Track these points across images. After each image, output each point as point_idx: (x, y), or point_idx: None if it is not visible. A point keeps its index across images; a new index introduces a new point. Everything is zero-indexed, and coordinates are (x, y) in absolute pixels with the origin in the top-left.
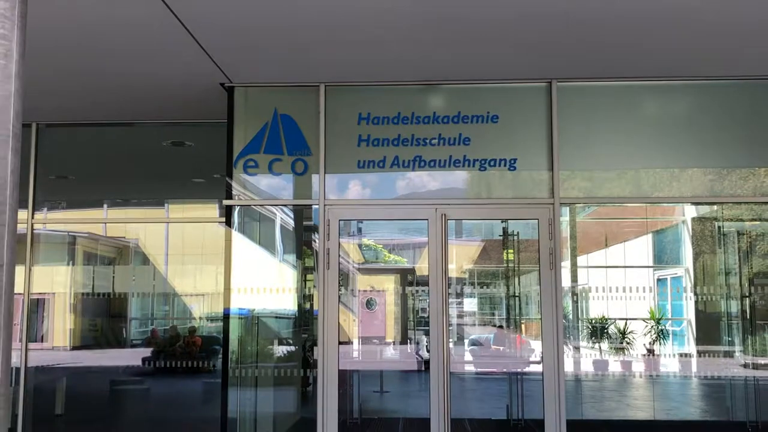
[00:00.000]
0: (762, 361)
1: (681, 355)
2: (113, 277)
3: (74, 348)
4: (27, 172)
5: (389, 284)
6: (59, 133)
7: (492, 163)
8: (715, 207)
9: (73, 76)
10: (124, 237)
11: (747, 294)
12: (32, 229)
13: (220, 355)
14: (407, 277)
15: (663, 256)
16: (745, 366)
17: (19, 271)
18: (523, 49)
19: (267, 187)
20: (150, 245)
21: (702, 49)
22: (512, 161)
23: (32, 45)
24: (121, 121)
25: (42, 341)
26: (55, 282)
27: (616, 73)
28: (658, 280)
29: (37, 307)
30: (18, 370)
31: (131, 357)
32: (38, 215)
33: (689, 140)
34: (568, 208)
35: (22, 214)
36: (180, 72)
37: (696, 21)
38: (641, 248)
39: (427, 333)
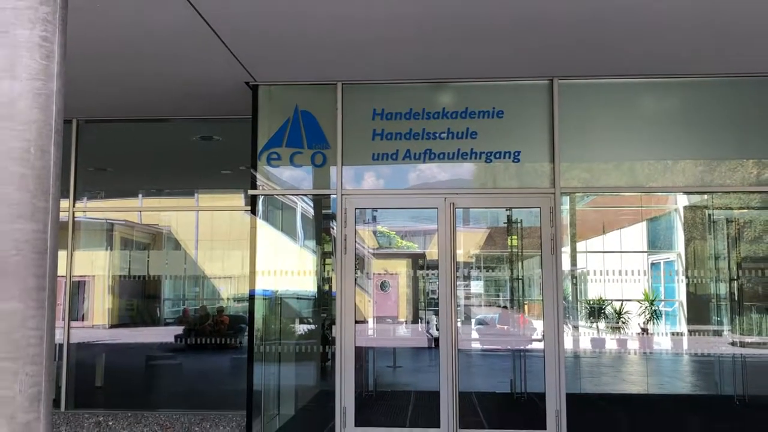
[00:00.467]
0: (749, 339)
1: (673, 333)
2: (148, 261)
3: (112, 326)
4: (68, 164)
5: (401, 268)
6: (98, 128)
7: (497, 156)
8: (705, 196)
9: (110, 75)
10: (158, 224)
11: (735, 277)
12: (73, 217)
13: (246, 333)
14: (418, 262)
15: (656, 242)
16: (733, 344)
17: (62, 255)
18: (526, 50)
19: (289, 178)
20: (181, 232)
21: (694, 49)
22: (516, 153)
23: (73, 47)
24: (155, 118)
25: (83, 320)
26: (95, 265)
27: (614, 71)
28: (652, 264)
29: (78, 288)
30: (61, 346)
31: (164, 334)
32: (79, 204)
33: (682, 134)
34: (568, 197)
35: (64, 203)
36: (209, 72)
37: (688, 22)
38: (636, 235)
39: (436, 313)
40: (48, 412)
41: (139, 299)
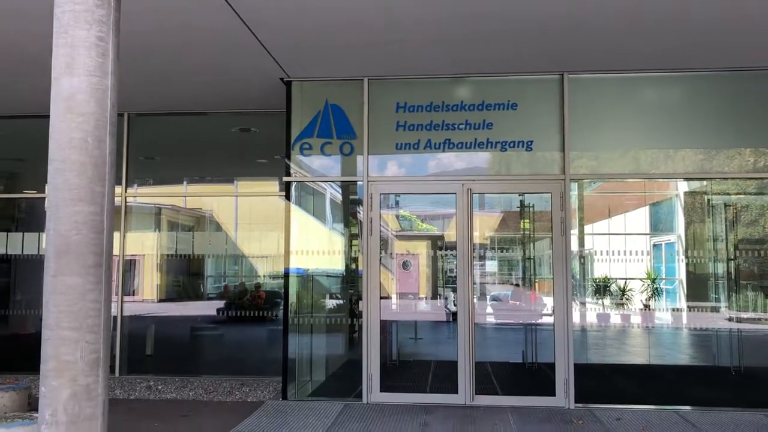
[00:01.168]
0: (744, 315)
1: (673, 309)
2: (192, 241)
3: (160, 300)
4: (121, 154)
5: (422, 249)
6: (147, 121)
7: (511, 145)
8: (705, 182)
9: (158, 74)
10: (201, 208)
11: (732, 257)
12: (125, 201)
13: (281, 307)
14: (437, 243)
15: (658, 225)
16: (730, 320)
17: (115, 236)
18: (538, 47)
19: (319, 166)
20: (222, 215)
21: (695, 44)
22: (529, 143)
23: (125, 47)
24: (198, 111)
25: (134, 295)
26: (145, 246)
27: (620, 66)
28: (654, 245)
29: (130, 266)
30: (115, 318)
31: (207, 308)
32: (130, 190)
33: (683, 124)
34: (576, 183)
35: (117, 190)
36: (247, 70)
37: (689, 19)
38: (640, 218)
39: (454, 290)
40: (105, 376)
41: (184, 276)
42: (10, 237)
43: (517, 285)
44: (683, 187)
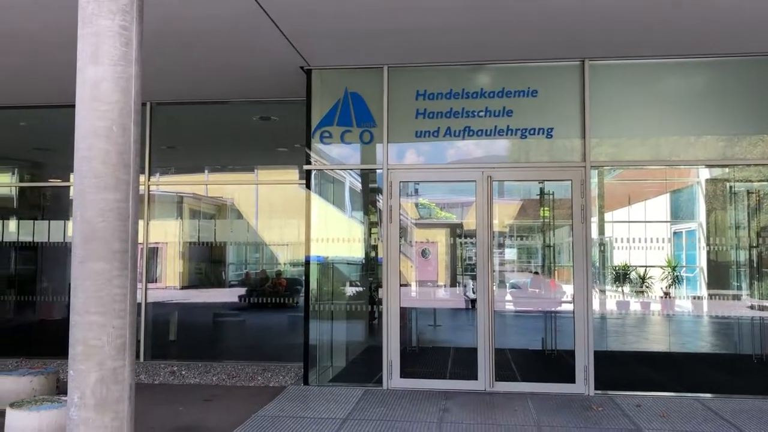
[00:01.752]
0: (766, 303)
1: (694, 297)
2: (214, 229)
3: (183, 287)
4: (143, 143)
5: (441, 237)
6: (169, 110)
7: (531, 132)
8: (726, 169)
9: (179, 62)
10: (222, 197)
11: (754, 245)
12: (149, 190)
13: (302, 294)
14: (456, 231)
15: (679, 213)
16: (752, 307)
17: (139, 224)
18: (559, 33)
19: (339, 154)
20: (243, 203)
21: (717, 29)
22: (549, 130)
23: (147, 37)
24: (219, 100)
25: (157, 282)
26: (168, 233)
27: (641, 52)
28: (674, 233)
29: (153, 254)
30: (139, 304)
31: (229, 295)
32: (153, 179)
33: (705, 111)
34: (596, 170)
35: (141, 178)
36: (267, 58)
37: (711, 3)
38: (660, 206)
39: (472, 277)
40: (132, 360)
41: (206, 263)
42: (37, 225)
43: (537, 273)
44: (705, 174)
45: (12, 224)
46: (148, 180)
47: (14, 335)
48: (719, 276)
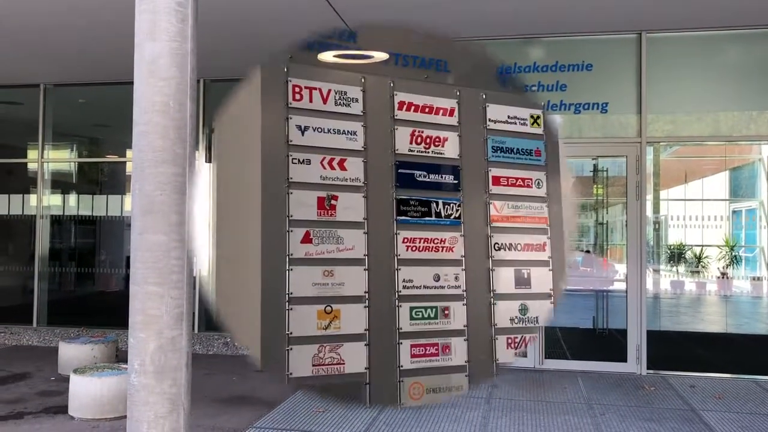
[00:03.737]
0: None
1: (753, 278)
2: None
3: None
4: (197, 120)
5: None
6: (219, 87)
7: (585, 107)
8: None
9: (231, 39)
10: None
11: None
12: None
13: None
14: None
15: (739, 191)
16: None
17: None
18: (615, 4)
19: None
20: None
21: None
22: (604, 105)
23: (201, 12)
24: None
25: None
26: None
27: (700, 23)
28: (733, 211)
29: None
30: (195, 277)
31: None
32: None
33: (767, 84)
34: (652, 147)
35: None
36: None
37: None
38: (718, 183)
39: None
40: (188, 330)
41: None
42: (96, 199)
43: (588, 251)
44: (767, 151)
45: (72, 199)
46: (206, 155)
47: (75, 306)
48: None
